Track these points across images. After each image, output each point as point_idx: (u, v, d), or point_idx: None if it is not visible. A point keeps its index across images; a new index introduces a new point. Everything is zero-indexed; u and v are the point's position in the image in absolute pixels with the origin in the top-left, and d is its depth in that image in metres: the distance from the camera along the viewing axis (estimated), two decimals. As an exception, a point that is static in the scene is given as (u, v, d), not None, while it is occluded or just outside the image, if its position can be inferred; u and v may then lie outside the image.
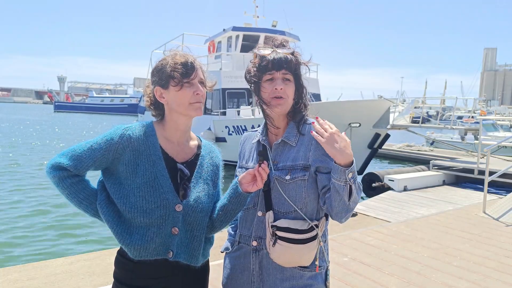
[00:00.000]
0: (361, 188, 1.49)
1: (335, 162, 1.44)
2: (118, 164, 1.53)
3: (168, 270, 1.55)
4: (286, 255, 1.50)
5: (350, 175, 1.42)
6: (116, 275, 1.61)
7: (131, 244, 1.49)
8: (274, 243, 1.51)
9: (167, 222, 1.52)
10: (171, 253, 1.54)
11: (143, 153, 1.54)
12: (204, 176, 1.66)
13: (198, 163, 1.66)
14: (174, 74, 1.52)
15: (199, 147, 1.71)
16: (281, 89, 1.55)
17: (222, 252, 1.79)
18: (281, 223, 1.52)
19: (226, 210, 1.62)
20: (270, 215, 1.55)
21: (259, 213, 1.60)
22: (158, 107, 1.64)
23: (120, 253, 1.60)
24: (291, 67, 1.57)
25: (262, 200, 1.60)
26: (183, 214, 1.55)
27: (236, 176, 1.67)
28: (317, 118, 1.53)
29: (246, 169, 1.66)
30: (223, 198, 1.65)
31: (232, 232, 1.76)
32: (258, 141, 1.69)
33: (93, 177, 1.61)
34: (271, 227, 1.53)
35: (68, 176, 1.51)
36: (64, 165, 1.50)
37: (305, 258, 1.52)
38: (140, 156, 1.53)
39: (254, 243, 1.61)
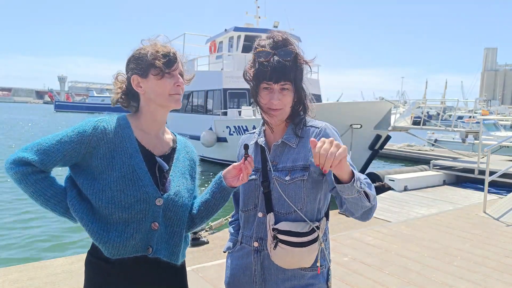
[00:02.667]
0: (369, 181, 1.39)
1: (338, 182, 1.31)
2: (91, 158, 1.44)
3: (147, 268, 1.49)
4: (287, 258, 1.50)
5: (358, 184, 1.30)
6: (88, 278, 1.50)
7: (109, 241, 1.41)
8: (275, 246, 1.51)
9: (147, 217, 1.46)
10: (150, 249, 1.47)
11: (119, 145, 1.46)
12: (182, 170, 1.62)
13: (175, 157, 1.62)
14: (156, 63, 1.46)
15: (174, 141, 1.67)
16: (278, 102, 1.51)
17: (224, 252, 1.79)
18: (282, 226, 1.51)
19: (207, 206, 1.59)
20: (270, 217, 1.54)
21: (260, 214, 1.60)
22: (132, 98, 1.57)
23: (92, 254, 1.51)
24: (289, 76, 1.50)
25: (263, 201, 1.59)
26: (163, 209, 1.50)
27: None
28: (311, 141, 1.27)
29: None
30: (204, 194, 1.61)
31: (233, 232, 1.76)
32: (256, 142, 1.67)
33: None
34: (272, 230, 1.52)
35: (32, 172, 1.39)
36: (28, 160, 1.38)
37: (306, 260, 1.52)
38: (115, 148, 1.45)
39: (256, 244, 1.60)
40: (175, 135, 1.71)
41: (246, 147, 1.50)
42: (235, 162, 1.78)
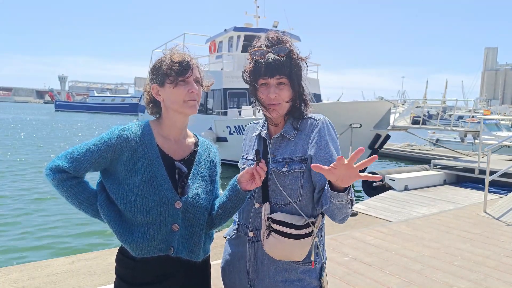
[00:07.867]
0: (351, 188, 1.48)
1: (333, 189, 1.38)
2: (117, 165, 1.55)
3: (170, 266, 1.58)
4: (278, 248, 1.52)
5: (350, 194, 1.39)
6: (118, 272, 1.63)
7: (133, 242, 1.52)
8: (268, 235, 1.53)
9: (167, 219, 1.54)
10: (172, 249, 1.56)
11: (141, 152, 1.56)
12: (202, 173, 1.68)
13: (195, 160, 1.68)
14: (170, 72, 1.55)
15: (196, 144, 1.73)
16: (275, 96, 1.55)
17: (224, 237, 1.83)
18: (277, 216, 1.53)
19: (225, 208, 1.64)
20: (266, 207, 1.57)
21: (256, 205, 1.63)
22: (155, 105, 1.67)
23: (121, 252, 1.62)
24: (284, 70, 1.55)
25: (259, 191, 1.62)
26: (182, 211, 1.58)
27: (239, 168, 1.71)
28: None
29: (247, 160, 1.71)
30: (222, 196, 1.67)
31: (236, 220, 1.79)
32: (259, 134, 1.71)
33: (93, 178, 1.61)
34: (267, 219, 1.55)
35: (67, 178, 1.53)
36: (63, 168, 1.52)
37: (297, 253, 1.53)
38: (138, 155, 1.55)
39: (251, 234, 1.63)
40: (197, 138, 1.78)
41: (257, 152, 1.54)
42: (236, 161, 1.80)
